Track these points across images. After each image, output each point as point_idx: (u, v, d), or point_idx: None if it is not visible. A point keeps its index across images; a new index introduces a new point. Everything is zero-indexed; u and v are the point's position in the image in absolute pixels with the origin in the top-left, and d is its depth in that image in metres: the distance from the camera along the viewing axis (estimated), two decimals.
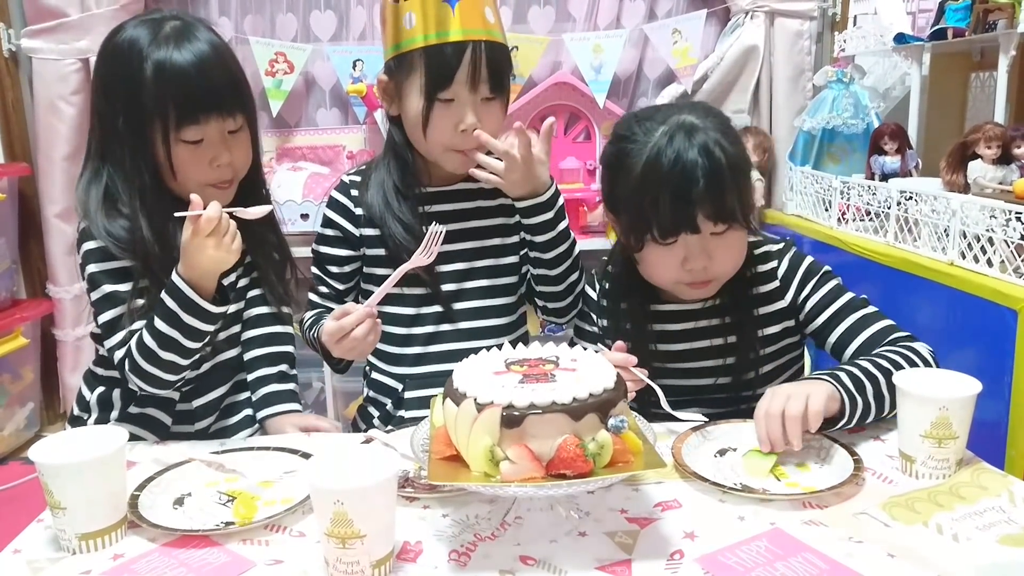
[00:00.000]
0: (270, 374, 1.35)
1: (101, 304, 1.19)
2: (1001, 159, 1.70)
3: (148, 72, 1.13)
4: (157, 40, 1.14)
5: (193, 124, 1.15)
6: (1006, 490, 0.95)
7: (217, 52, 1.17)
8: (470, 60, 1.23)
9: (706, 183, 1.11)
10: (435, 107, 1.26)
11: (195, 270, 1.10)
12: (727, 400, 1.26)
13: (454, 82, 1.24)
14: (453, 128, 1.27)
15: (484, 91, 1.26)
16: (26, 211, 2.75)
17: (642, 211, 1.15)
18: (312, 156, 2.83)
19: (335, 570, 0.80)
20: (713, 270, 1.18)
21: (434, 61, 1.24)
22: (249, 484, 1.02)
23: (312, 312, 1.41)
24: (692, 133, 1.13)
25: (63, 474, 0.86)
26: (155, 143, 1.15)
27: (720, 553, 0.84)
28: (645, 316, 1.28)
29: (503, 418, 0.80)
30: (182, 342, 1.12)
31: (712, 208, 1.13)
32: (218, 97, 1.16)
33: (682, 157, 1.12)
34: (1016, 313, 1.47)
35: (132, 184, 1.18)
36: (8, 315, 2.58)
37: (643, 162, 1.14)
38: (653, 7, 2.85)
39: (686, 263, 1.16)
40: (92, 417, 1.30)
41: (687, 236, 1.15)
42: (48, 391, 2.88)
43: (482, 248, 1.40)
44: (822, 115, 2.28)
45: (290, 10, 2.82)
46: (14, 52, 2.68)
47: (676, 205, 1.13)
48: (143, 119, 1.14)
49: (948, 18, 1.98)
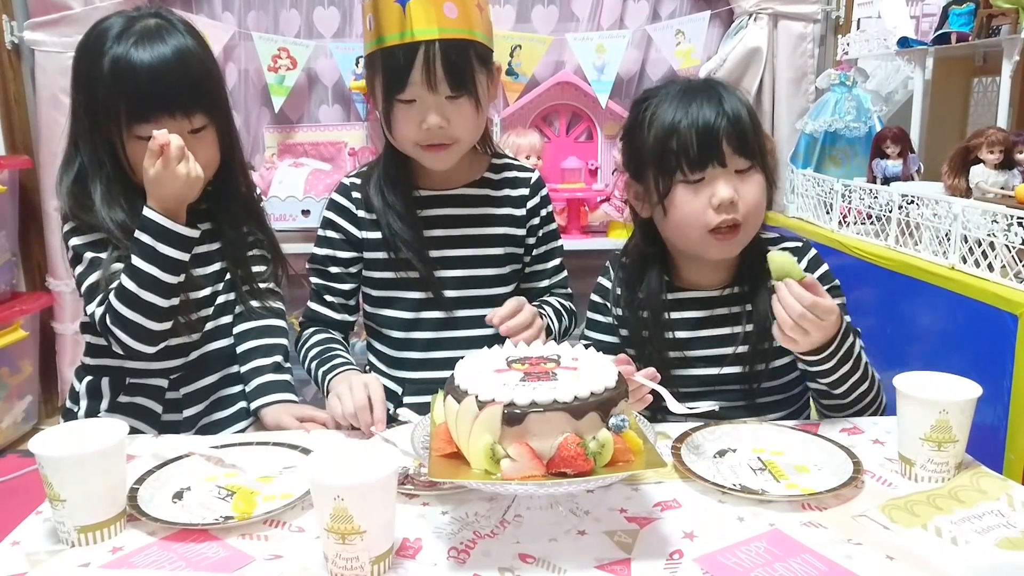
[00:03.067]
0: (264, 365, 1.34)
1: (85, 272, 1.22)
2: (1003, 164, 1.71)
3: (105, 66, 1.16)
4: (124, 35, 1.16)
5: (144, 122, 1.17)
6: (1005, 494, 0.95)
7: (179, 55, 1.18)
8: (423, 61, 1.20)
9: (729, 116, 1.16)
10: (396, 108, 1.25)
11: (167, 201, 1.15)
12: (736, 393, 1.26)
13: (409, 84, 1.22)
14: (417, 127, 1.25)
15: (444, 90, 1.23)
16: (27, 204, 2.75)
17: (669, 151, 1.17)
18: (314, 152, 2.83)
19: (334, 566, 0.80)
20: (742, 209, 1.17)
21: (388, 64, 1.23)
22: (248, 479, 1.02)
23: (316, 335, 1.37)
24: (709, 83, 1.22)
25: (63, 466, 0.86)
26: (114, 141, 1.19)
27: (719, 553, 0.84)
28: (662, 304, 1.27)
29: (504, 416, 0.80)
30: (160, 277, 1.15)
31: (737, 141, 1.16)
32: (171, 99, 1.17)
33: (705, 95, 1.18)
34: (1016, 318, 1.48)
35: (97, 173, 1.21)
36: (7, 308, 2.57)
37: (667, 107, 1.19)
38: (656, 8, 2.85)
39: (714, 199, 1.16)
40: (82, 407, 1.31)
41: (714, 171, 1.16)
42: (47, 384, 2.88)
43: (485, 256, 1.38)
44: (824, 118, 2.28)
45: (293, 6, 2.82)
46: (17, 44, 2.67)
47: (702, 135, 1.16)
48: (100, 111, 1.18)
49: (952, 22, 1.98)
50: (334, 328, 1.41)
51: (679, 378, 1.26)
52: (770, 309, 1.12)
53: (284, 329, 1.41)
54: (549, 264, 1.46)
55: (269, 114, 2.86)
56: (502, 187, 1.41)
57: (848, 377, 1.16)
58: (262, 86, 2.81)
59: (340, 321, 1.41)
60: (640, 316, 1.28)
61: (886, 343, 1.83)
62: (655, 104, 1.20)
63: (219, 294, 1.33)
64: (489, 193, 1.38)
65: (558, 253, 1.47)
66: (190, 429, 1.31)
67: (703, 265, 1.26)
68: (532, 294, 1.43)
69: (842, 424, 1.16)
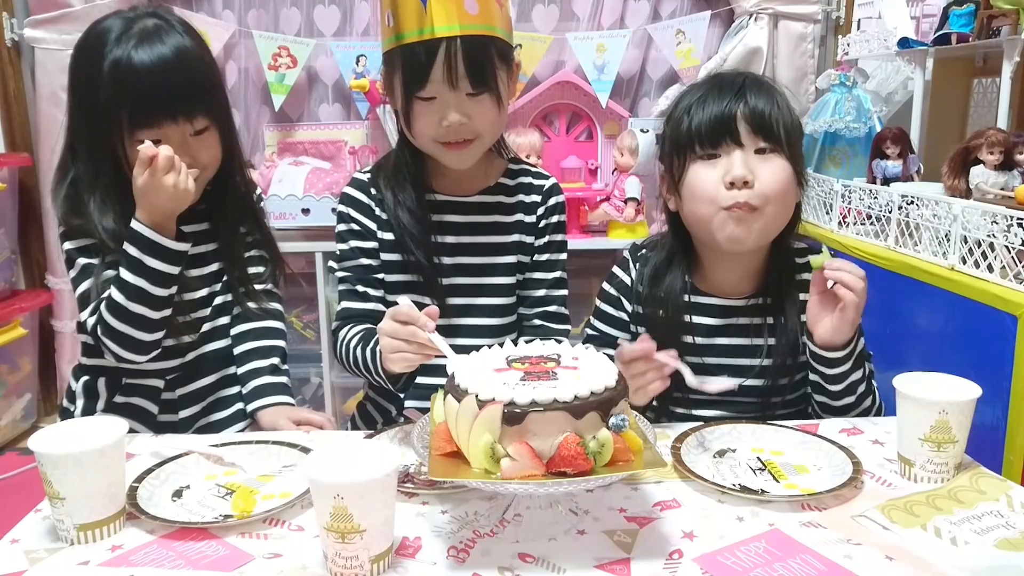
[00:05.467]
0: (262, 367, 1.34)
1: (77, 278, 1.21)
2: (1003, 165, 1.71)
3: (106, 70, 1.13)
4: (123, 37, 1.14)
5: (147, 128, 1.15)
6: (1004, 495, 0.95)
7: (180, 56, 1.16)
8: (444, 58, 1.17)
9: (747, 99, 1.15)
10: (416, 105, 1.22)
11: (155, 213, 1.14)
12: (752, 405, 1.24)
13: (430, 81, 1.19)
14: (437, 124, 1.22)
15: (465, 87, 1.19)
16: (26, 201, 2.75)
17: (686, 129, 1.17)
18: (314, 151, 2.83)
19: (334, 564, 0.80)
20: (758, 190, 1.14)
21: (408, 61, 1.20)
22: (248, 477, 1.02)
23: (354, 328, 1.27)
24: (741, 74, 1.21)
25: (62, 464, 0.86)
26: (114, 144, 1.17)
27: (719, 553, 0.84)
28: (683, 305, 1.25)
29: (504, 415, 0.80)
30: (149, 290, 1.14)
31: (752, 119, 1.14)
32: (174, 102, 1.16)
33: (727, 79, 1.19)
34: (1016, 319, 1.48)
35: (93, 177, 1.19)
36: (7, 305, 2.58)
37: (694, 93, 1.20)
38: (657, 7, 2.85)
39: (727, 176, 1.14)
40: (78, 406, 1.31)
41: (729, 148, 1.15)
42: (45, 382, 2.88)
43: (496, 265, 1.35)
44: (824, 118, 2.28)
45: (294, 4, 2.82)
46: (17, 42, 2.68)
47: (717, 113, 1.15)
48: (100, 116, 1.16)
49: (952, 23, 1.98)
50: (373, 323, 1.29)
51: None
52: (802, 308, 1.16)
53: (282, 331, 1.40)
54: (550, 275, 1.39)
55: (269, 112, 2.86)
56: (516, 193, 1.37)
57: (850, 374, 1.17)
58: (262, 84, 2.81)
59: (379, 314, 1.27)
60: (659, 315, 1.25)
61: (886, 344, 1.83)
62: (686, 94, 1.21)
63: (216, 295, 1.33)
64: (503, 200, 1.35)
65: (561, 266, 1.40)
66: (187, 430, 1.30)
67: (728, 266, 1.23)
68: (527, 303, 1.38)
69: (842, 424, 1.16)
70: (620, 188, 2.68)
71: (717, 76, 1.21)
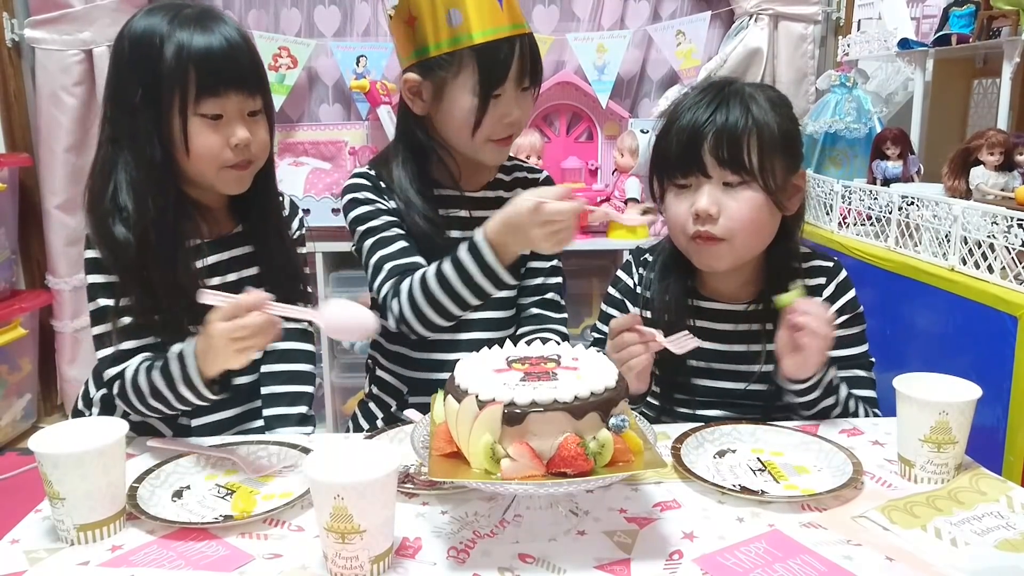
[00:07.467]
0: (289, 415, 1.30)
1: (95, 316, 1.17)
2: (1003, 166, 1.71)
3: (168, 53, 1.09)
4: (178, 23, 1.11)
5: (213, 96, 1.11)
6: (1004, 495, 0.95)
7: (241, 35, 1.15)
8: (519, 55, 1.21)
9: (718, 124, 1.12)
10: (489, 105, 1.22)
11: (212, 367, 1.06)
12: (752, 408, 1.24)
13: (508, 79, 1.21)
14: (499, 121, 1.24)
15: (525, 82, 1.25)
16: (26, 202, 2.76)
17: (660, 153, 1.18)
18: (314, 151, 2.83)
19: (334, 565, 0.80)
20: (723, 223, 1.14)
21: (488, 59, 1.20)
22: (248, 478, 1.02)
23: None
24: (726, 88, 1.16)
25: (63, 464, 0.86)
26: (171, 118, 1.11)
27: (719, 554, 0.84)
28: (685, 309, 1.25)
29: (505, 415, 0.80)
30: (171, 401, 1.10)
31: (722, 152, 1.12)
32: (241, 73, 1.13)
33: (704, 102, 1.15)
34: (1016, 319, 1.48)
35: (141, 161, 1.13)
36: (7, 305, 2.58)
37: (681, 106, 1.18)
38: (657, 8, 2.85)
39: (692, 208, 1.14)
40: (94, 414, 1.28)
41: (700, 180, 1.14)
42: (46, 382, 2.89)
43: None
44: (824, 119, 2.28)
45: (294, 5, 2.83)
46: (17, 42, 2.68)
47: (687, 143, 1.14)
48: (160, 93, 1.10)
49: (952, 24, 1.98)
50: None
51: (693, 388, 1.25)
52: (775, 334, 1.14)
53: (312, 375, 1.36)
54: (546, 264, 1.41)
55: None
56: (513, 187, 1.39)
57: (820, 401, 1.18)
58: None
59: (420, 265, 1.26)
60: (662, 319, 1.25)
61: (886, 344, 1.83)
62: (679, 102, 1.19)
63: None
64: (502, 195, 1.35)
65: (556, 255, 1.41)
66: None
67: (725, 274, 1.23)
68: (525, 292, 1.39)
69: (842, 425, 1.16)
70: (620, 189, 2.68)
71: (706, 91, 1.17)
